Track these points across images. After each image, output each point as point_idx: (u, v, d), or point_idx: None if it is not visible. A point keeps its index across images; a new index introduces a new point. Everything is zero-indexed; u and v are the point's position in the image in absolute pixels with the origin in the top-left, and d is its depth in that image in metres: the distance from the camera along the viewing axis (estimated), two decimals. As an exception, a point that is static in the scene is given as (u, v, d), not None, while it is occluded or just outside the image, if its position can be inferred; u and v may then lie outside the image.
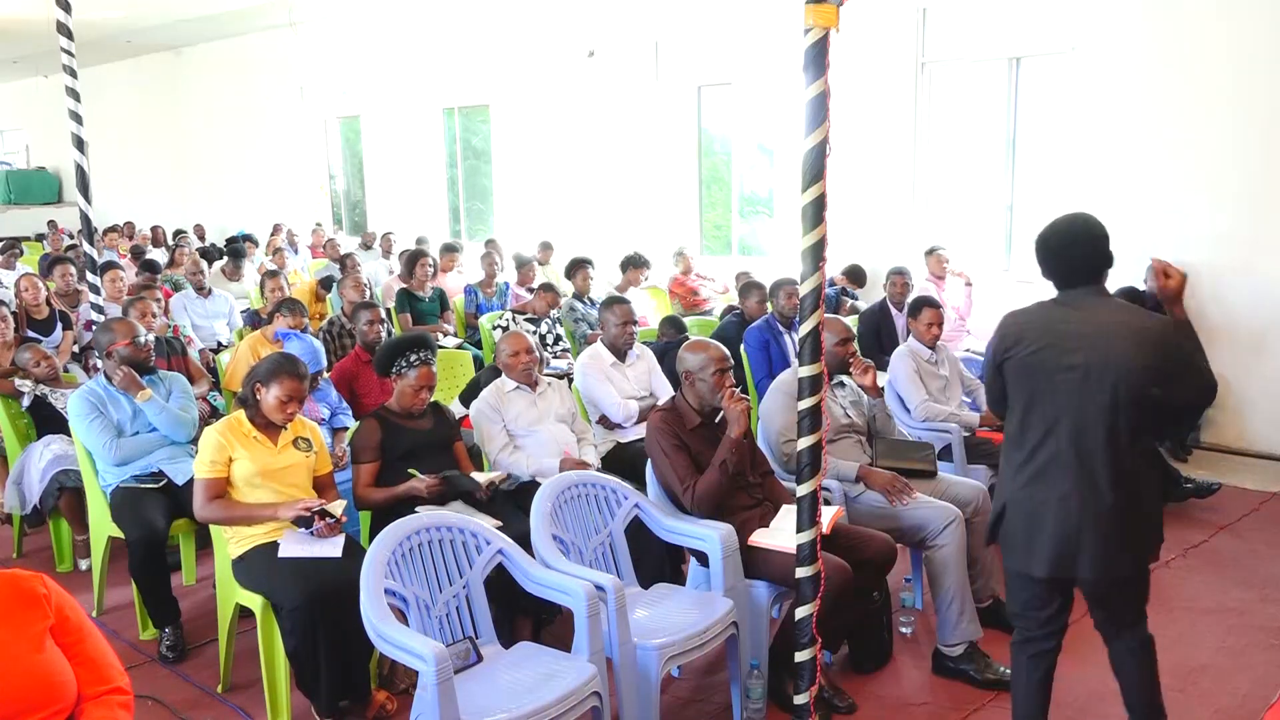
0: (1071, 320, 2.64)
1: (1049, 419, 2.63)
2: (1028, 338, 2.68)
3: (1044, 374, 2.63)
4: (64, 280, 7.14)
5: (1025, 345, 2.67)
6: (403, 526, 3.03)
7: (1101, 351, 2.56)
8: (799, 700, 2.96)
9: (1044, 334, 2.66)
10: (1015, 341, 2.70)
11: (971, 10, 7.79)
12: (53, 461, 4.50)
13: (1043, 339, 2.65)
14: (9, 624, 1.98)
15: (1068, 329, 2.63)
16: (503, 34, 11.37)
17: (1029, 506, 2.67)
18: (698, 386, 3.59)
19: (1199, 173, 6.58)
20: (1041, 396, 2.64)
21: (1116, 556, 2.61)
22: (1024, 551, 2.70)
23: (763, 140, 9.68)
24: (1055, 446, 2.62)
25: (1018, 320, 2.75)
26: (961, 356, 5.43)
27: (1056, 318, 2.67)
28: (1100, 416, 2.56)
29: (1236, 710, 3.40)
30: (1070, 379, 2.59)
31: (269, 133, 15.12)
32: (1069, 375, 2.59)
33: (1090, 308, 2.64)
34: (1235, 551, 4.82)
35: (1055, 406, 2.62)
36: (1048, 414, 2.63)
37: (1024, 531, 2.69)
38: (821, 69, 2.61)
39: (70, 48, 4.93)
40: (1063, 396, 2.60)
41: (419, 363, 3.86)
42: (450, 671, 2.62)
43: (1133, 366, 2.53)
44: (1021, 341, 2.69)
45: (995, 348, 2.77)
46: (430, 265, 7.64)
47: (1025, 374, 2.68)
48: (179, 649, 3.86)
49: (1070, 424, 2.60)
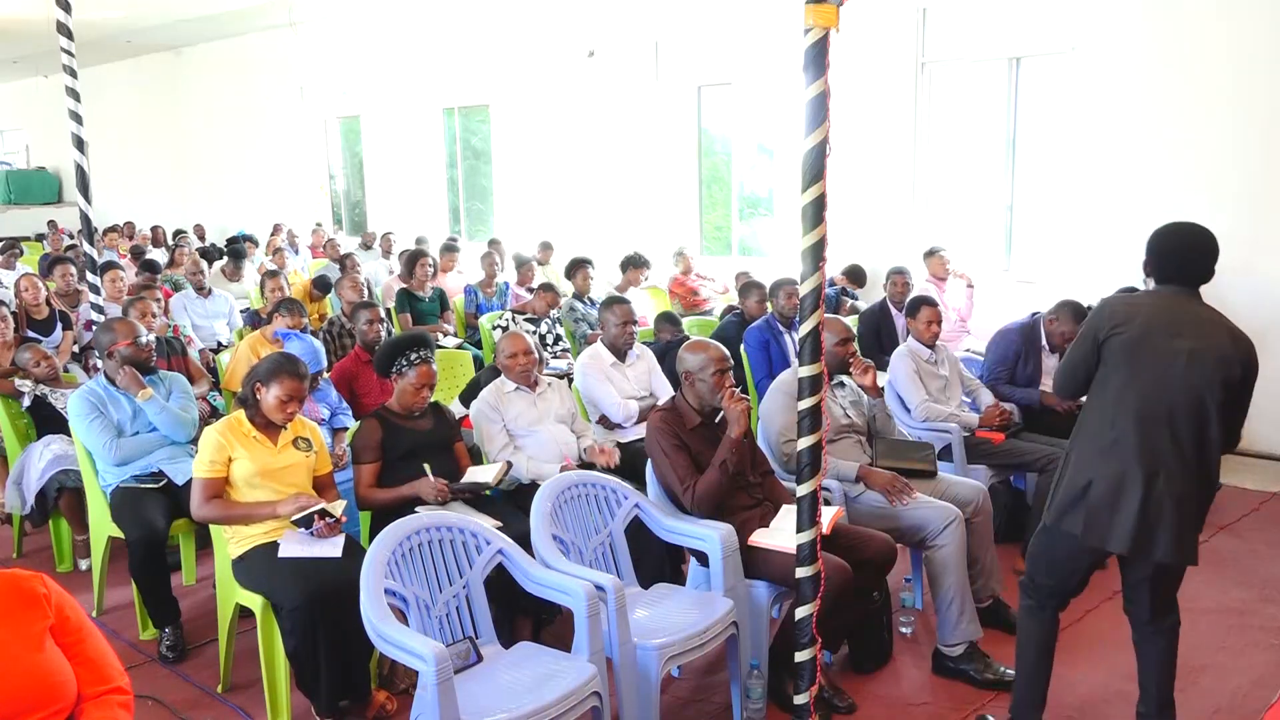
0: (1177, 311, 2.78)
1: (1148, 399, 2.74)
2: (1139, 318, 2.78)
3: (1151, 353, 2.74)
4: (64, 280, 7.14)
5: (1135, 325, 2.77)
6: (403, 526, 3.03)
7: (1205, 341, 2.71)
8: (799, 700, 2.96)
9: (1154, 317, 2.77)
10: (1125, 320, 2.79)
11: (971, 10, 7.79)
12: (53, 461, 4.50)
13: (1153, 321, 2.76)
14: (9, 624, 1.98)
15: (1175, 317, 2.76)
16: (503, 34, 11.37)
17: (1116, 483, 2.74)
18: (698, 386, 3.59)
19: (1199, 173, 6.58)
20: (1143, 376, 2.75)
21: (1188, 538, 2.74)
22: (1106, 529, 2.77)
23: (763, 140, 9.68)
24: (1149, 426, 2.72)
25: (1126, 302, 2.88)
26: (962, 357, 5.43)
27: (1164, 305, 2.80)
28: (1196, 402, 2.70)
29: (1236, 710, 3.40)
30: (1176, 363, 2.71)
31: (269, 133, 15.12)
32: (1175, 359, 2.71)
33: (1194, 305, 2.81)
34: (1235, 551, 4.82)
35: (1156, 387, 2.73)
36: (1147, 394, 2.74)
37: (1109, 509, 2.75)
38: (821, 69, 2.61)
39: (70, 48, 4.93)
40: (1165, 378, 2.72)
41: (419, 361, 3.86)
42: (450, 671, 2.62)
43: (1229, 358, 2.70)
44: (1132, 321, 2.78)
45: (1098, 324, 2.84)
46: (430, 265, 7.64)
47: (1131, 352, 2.76)
48: (179, 649, 3.86)
49: (1168, 405, 2.71)
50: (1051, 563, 3.00)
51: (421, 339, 4.01)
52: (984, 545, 3.94)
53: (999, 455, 4.65)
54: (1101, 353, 2.82)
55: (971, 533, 3.81)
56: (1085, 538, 2.82)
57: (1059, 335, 4.91)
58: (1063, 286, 6.41)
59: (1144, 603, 2.94)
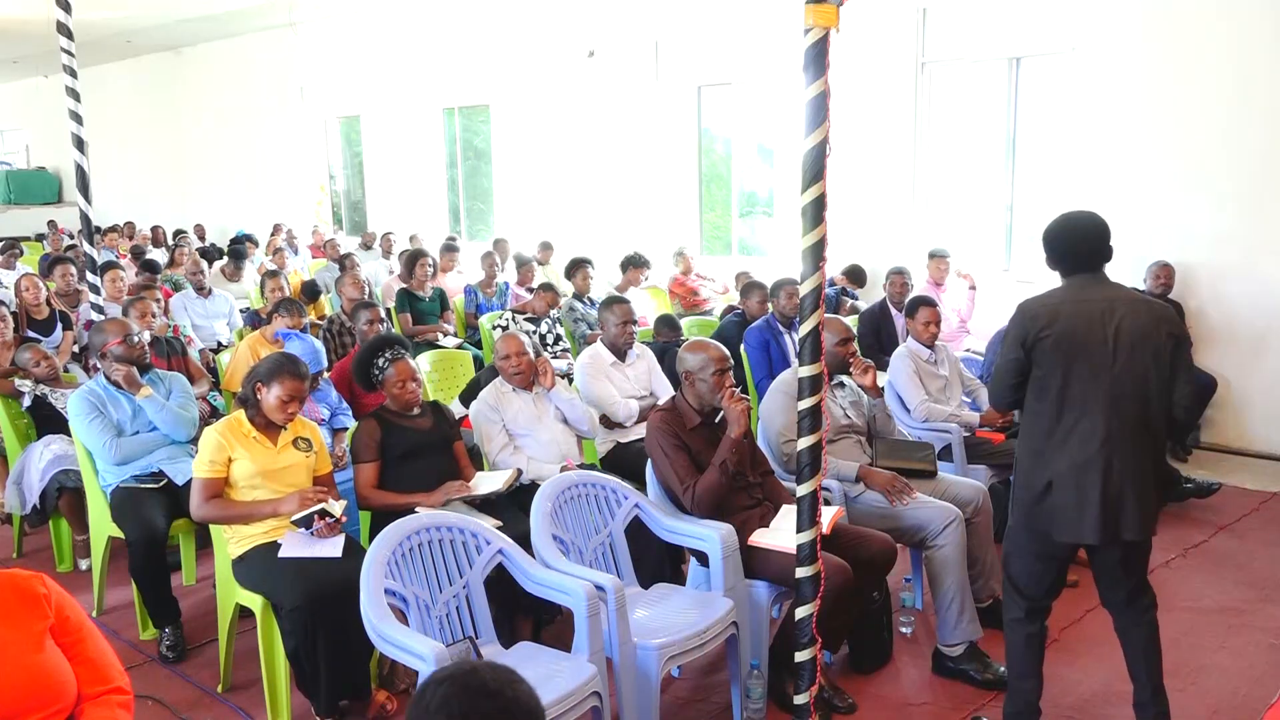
0: (1093, 299, 2.82)
1: (1088, 390, 2.78)
2: (1061, 315, 2.82)
3: (1081, 347, 2.78)
4: (64, 280, 7.14)
5: (1059, 323, 2.81)
6: (403, 526, 3.03)
7: (1130, 322, 2.77)
8: (799, 700, 2.96)
9: (1074, 311, 2.81)
10: (1048, 322, 2.82)
11: (971, 10, 7.79)
12: (53, 461, 4.50)
13: (1074, 316, 2.80)
14: (9, 624, 1.98)
15: (1094, 306, 2.80)
16: (503, 34, 11.38)
17: (1075, 478, 2.80)
18: (698, 386, 3.59)
19: (1199, 173, 6.59)
20: (1078, 369, 2.79)
21: (1150, 514, 2.82)
22: (1075, 523, 2.82)
23: (763, 140, 9.68)
24: (1095, 415, 2.77)
25: (1042, 303, 2.89)
26: (961, 357, 5.43)
27: (1079, 297, 2.84)
28: (1135, 381, 2.75)
29: (1236, 710, 3.40)
30: (1105, 349, 2.76)
31: (269, 133, 15.12)
32: (1104, 345, 2.76)
33: (1105, 288, 2.85)
34: (1235, 551, 4.82)
35: (1094, 377, 2.77)
36: (1087, 385, 2.78)
37: (1075, 504, 2.81)
38: (821, 69, 2.61)
39: (70, 48, 4.93)
40: (1100, 366, 2.77)
41: (392, 359, 3.90)
42: None
43: (1151, 332, 2.76)
44: (1055, 320, 2.81)
45: (1021, 332, 2.88)
46: (430, 265, 7.64)
47: (1061, 350, 2.80)
48: (179, 649, 3.86)
49: (1109, 392, 2.76)
50: (1026, 565, 3.04)
51: (386, 340, 4.04)
52: (984, 545, 3.94)
53: (999, 455, 4.65)
54: (1032, 357, 2.86)
55: (971, 533, 3.81)
56: (1058, 533, 2.88)
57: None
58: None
59: (1120, 586, 3.00)
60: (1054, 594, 3.07)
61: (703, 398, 3.59)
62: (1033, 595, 3.04)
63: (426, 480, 3.73)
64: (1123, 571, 2.97)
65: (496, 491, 3.71)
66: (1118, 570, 2.97)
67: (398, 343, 4.03)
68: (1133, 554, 2.96)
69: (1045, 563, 3.00)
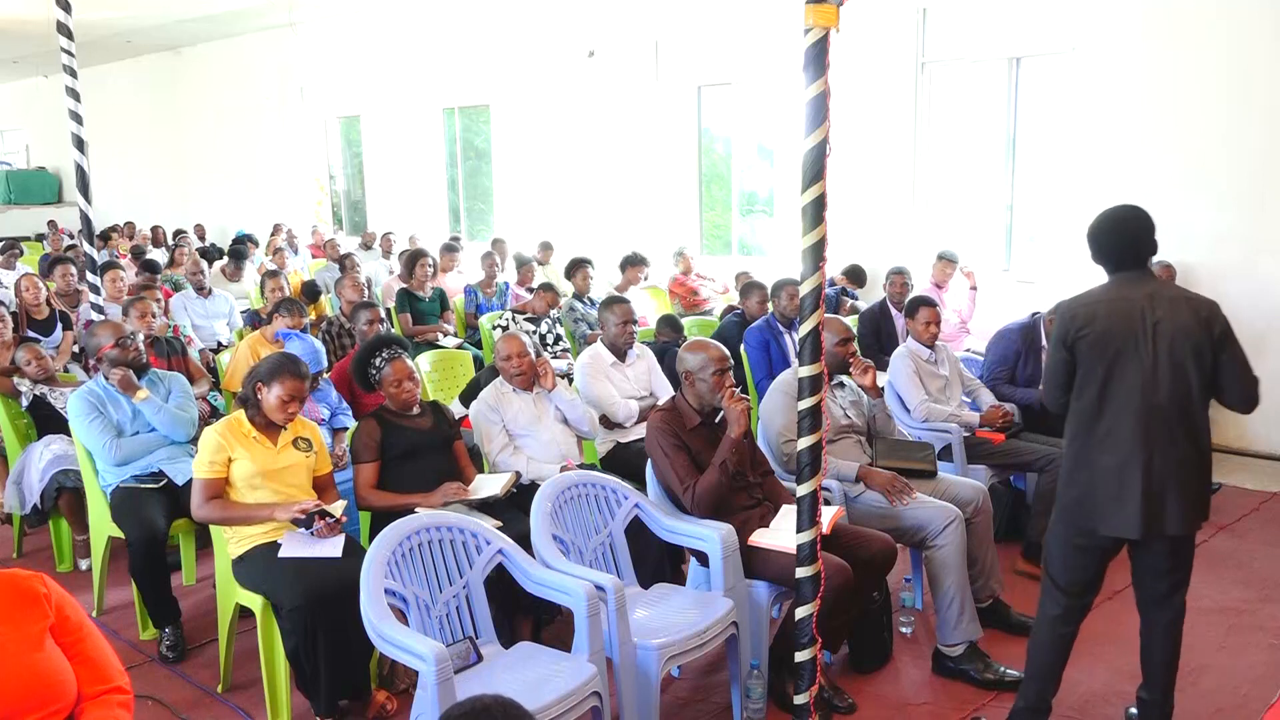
0: (1135, 296, 2.85)
1: (1130, 387, 2.82)
2: (1099, 314, 2.86)
3: (1119, 345, 2.82)
4: (64, 280, 7.14)
5: (1098, 322, 2.85)
6: (403, 526, 3.03)
7: (1169, 319, 2.80)
8: (799, 700, 2.96)
9: (1111, 310, 2.85)
10: (1088, 320, 2.87)
11: (971, 10, 7.79)
12: (53, 461, 4.49)
13: (1112, 314, 2.84)
14: (9, 623, 1.98)
15: (1133, 304, 2.84)
16: (503, 34, 11.37)
17: (1118, 474, 2.83)
18: (698, 386, 3.59)
19: (1199, 173, 6.59)
20: (1121, 366, 2.82)
21: (1194, 509, 2.85)
22: (1117, 516, 2.85)
23: (763, 140, 9.68)
24: (1137, 411, 2.81)
25: (1083, 302, 2.94)
26: (961, 357, 5.43)
27: (1117, 295, 2.88)
28: (1174, 377, 2.79)
29: (1236, 710, 3.40)
30: (1144, 345, 2.80)
31: (269, 133, 15.12)
32: (1143, 343, 2.80)
33: (1148, 285, 2.88)
34: (1235, 551, 4.82)
35: (1135, 374, 2.81)
36: (1129, 382, 2.82)
37: (1116, 499, 2.85)
38: (821, 69, 2.61)
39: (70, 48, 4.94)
40: (1140, 363, 2.80)
41: (389, 358, 3.90)
42: (450, 671, 2.62)
43: (1190, 327, 2.79)
44: (1094, 319, 2.86)
45: (1063, 331, 2.93)
46: (430, 265, 7.64)
47: (1099, 349, 2.85)
48: (179, 649, 3.86)
49: (1150, 389, 2.80)
50: (1068, 559, 3.04)
51: (383, 340, 4.04)
52: (984, 545, 3.93)
53: (999, 455, 4.65)
54: (1074, 356, 2.91)
55: (971, 533, 3.81)
56: (1103, 527, 2.89)
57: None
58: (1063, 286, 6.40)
59: (1161, 582, 3.00)
60: (1093, 591, 3.07)
61: (703, 397, 3.59)
62: (1071, 590, 3.05)
63: (426, 480, 3.73)
64: (1168, 565, 2.97)
65: (494, 496, 3.71)
66: (1163, 565, 2.97)
67: (396, 343, 4.04)
68: (1179, 549, 2.97)
69: (1086, 555, 3.00)
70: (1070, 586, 3.05)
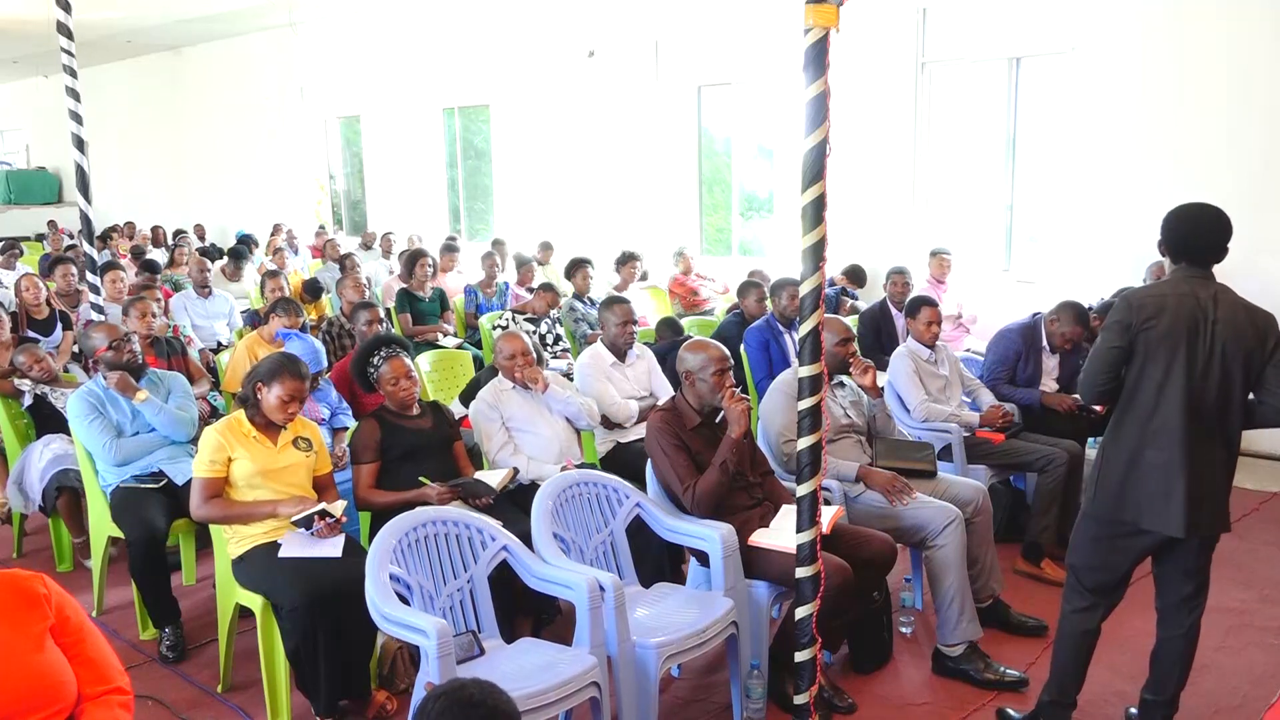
0: (1202, 295, 2.85)
1: (1188, 386, 2.82)
2: (1167, 309, 2.85)
3: (1185, 342, 2.82)
4: (65, 280, 7.14)
5: (1165, 316, 2.84)
6: (410, 518, 3.06)
7: (1225, 324, 2.81)
8: (799, 700, 2.96)
9: (1180, 306, 2.85)
10: (1155, 312, 2.86)
11: (971, 10, 7.79)
12: (52, 461, 4.49)
13: (1179, 310, 2.84)
14: (9, 624, 1.98)
15: (1200, 302, 2.84)
16: (503, 34, 11.37)
17: (1164, 469, 2.84)
18: (698, 386, 3.59)
19: (1199, 173, 6.58)
20: (1179, 362, 2.82)
21: (1225, 510, 2.91)
22: (1161, 513, 2.85)
23: (763, 140, 9.68)
24: (1186, 409, 2.82)
25: (1151, 294, 2.93)
26: (961, 357, 5.43)
27: (1185, 291, 2.86)
28: (1224, 381, 2.82)
29: (1236, 710, 3.40)
30: (1203, 347, 2.81)
31: (269, 133, 15.12)
32: (1204, 344, 2.81)
33: (1212, 286, 2.89)
34: (1235, 551, 4.81)
35: (1194, 374, 2.82)
36: (1188, 382, 2.82)
37: (1163, 495, 2.84)
38: (821, 69, 2.61)
39: (70, 48, 4.93)
40: (1198, 364, 2.81)
41: (387, 357, 3.91)
42: (451, 648, 2.67)
43: (1245, 335, 2.81)
44: (1162, 312, 2.85)
45: (1128, 319, 2.89)
46: (430, 265, 7.64)
47: (1166, 343, 2.84)
48: (179, 649, 3.86)
49: (1204, 390, 2.82)
50: (1098, 555, 3.03)
51: (381, 340, 4.05)
52: (984, 545, 3.93)
53: (999, 455, 4.65)
54: (1134, 346, 2.88)
55: (971, 533, 3.81)
56: (1145, 522, 2.88)
57: (1059, 336, 4.91)
58: (1063, 286, 6.41)
59: (1187, 583, 3.00)
60: (1120, 589, 3.07)
61: (703, 397, 3.59)
62: (1098, 588, 3.05)
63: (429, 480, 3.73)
64: (1198, 565, 2.98)
65: (491, 491, 3.70)
66: (1193, 564, 2.98)
67: (395, 342, 4.04)
68: (1208, 549, 2.99)
69: (1120, 553, 2.98)
70: (1098, 585, 3.04)
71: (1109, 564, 3.01)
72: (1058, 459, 4.50)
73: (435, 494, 3.62)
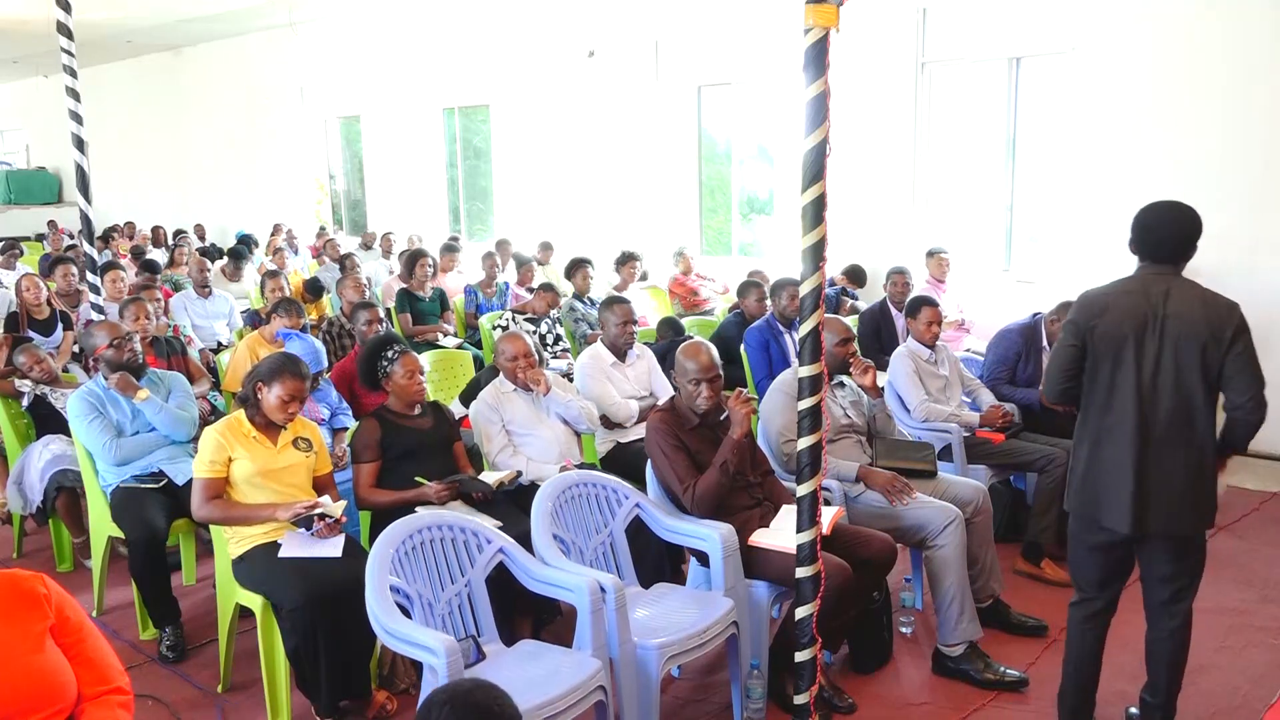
0: (1153, 291, 2.84)
1: (1136, 381, 2.82)
2: (1113, 304, 2.88)
3: (1126, 339, 2.82)
4: (65, 280, 7.14)
5: (1112, 311, 2.87)
6: (405, 525, 3.04)
7: (1181, 317, 2.78)
8: (799, 700, 2.96)
9: (1125, 303, 2.86)
10: (1101, 309, 2.89)
11: (971, 10, 7.78)
12: (51, 461, 4.49)
13: (1125, 307, 2.86)
14: (9, 624, 1.98)
15: (1149, 298, 2.84)
16: (503, 34, 11.37)
17: (1116, 466, 2.87)
18: (684, 389, 3.61)
19: (1199, 173, 6.58)
20: (1126, 359, 2.83)
21: (1193, 512, 2.84)
22: (1112, 510, 2.89)
23: (763, 140, 9.68)
24: (1136, 406, 2.82)
25: (1101, 293, 2.94)
26: (961, 357, 5.43)
27: (1135, 289, 2.88)
28: (1181, 377, 2.78)
29: (1236, 710, 3.40)
30: (1153, 342, 2.80)
31: (269, 133, 15.12)
32: (1153, 338, 2.80)
33: (1169, 282, 2.86)
34: (1235, 551, 4.82)
35: (1141, 367, 2.82)
36: (1135, 376, 2.82)
37: (1113, 490, 2.88)
38: (821, 69, 2.61)
39: (70, 48, 4.93)
40: (1146, 357, 2.81)
41: (398, 354, 3.90)
42: (461, 665, 2.64)
43: (1199, 327, 2.76)
44: (1108, 309, 2.88)
45: (1079, 318, 2.94)
46: (430, 265, 7.64)
47: (1108, 341, 2.86)
48: (179, 649, 3.86)
49: (1150, 385, 2.81)
50: (1077, 554, 3.09)
51: (387, 338, 4.05)
52: (984, 545, 3.93)
53: (999, 455, 4.65)
54: (1086, 344, 2.91)
55: (971, 533, 3.81)
56: (1102, 518, 2.91)
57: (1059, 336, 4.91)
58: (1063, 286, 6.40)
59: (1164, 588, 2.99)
60: (1106, 589, 3.05)
61: (689, 400, 3.60)
62: (1081, 585, 3.08)
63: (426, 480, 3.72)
64: (1171, 571, 2.95)
65: (487, 487, 3.71)
66: (1165, 569, 2.95)
67: (398, 340, 4.04)
68: (1183, 554, 2.94)
69: (1092, 551, 3.01)
70: (1082, 580, 3.08)
71: (1087, 559, 3.05)
72: (1058, 459, 4.49)
73: (434, 492, 3.62)
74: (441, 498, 3.62)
